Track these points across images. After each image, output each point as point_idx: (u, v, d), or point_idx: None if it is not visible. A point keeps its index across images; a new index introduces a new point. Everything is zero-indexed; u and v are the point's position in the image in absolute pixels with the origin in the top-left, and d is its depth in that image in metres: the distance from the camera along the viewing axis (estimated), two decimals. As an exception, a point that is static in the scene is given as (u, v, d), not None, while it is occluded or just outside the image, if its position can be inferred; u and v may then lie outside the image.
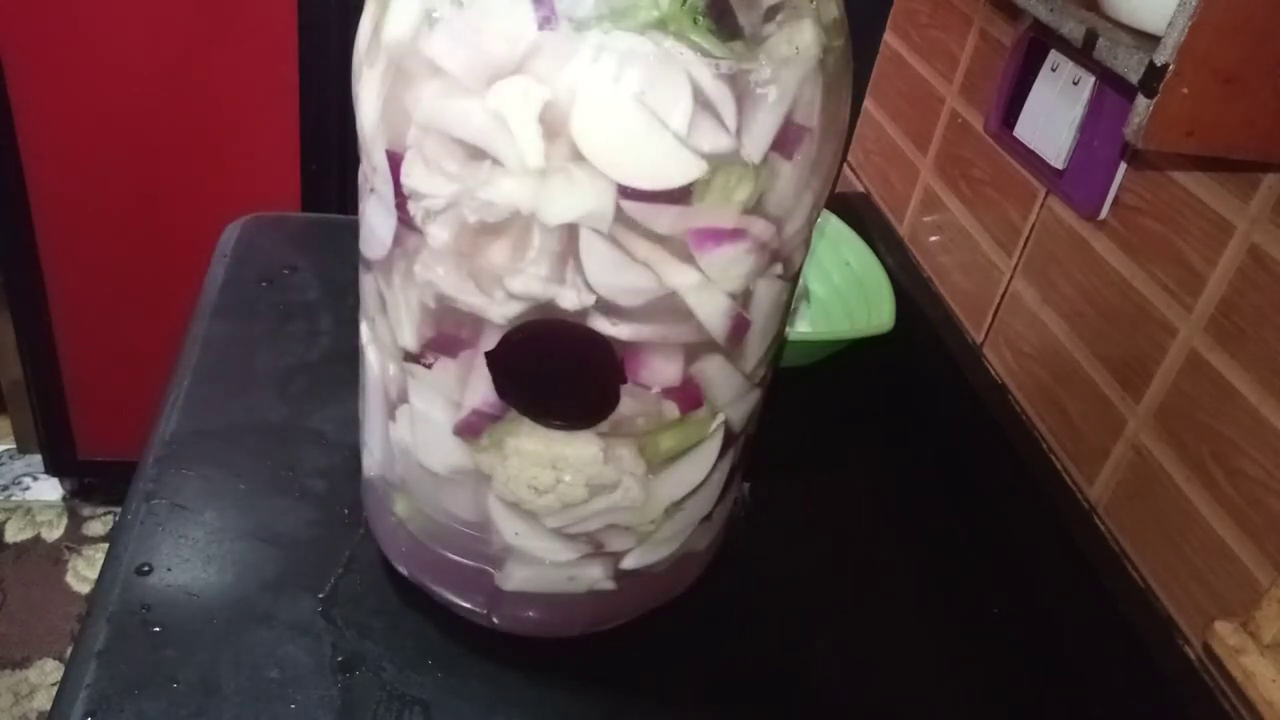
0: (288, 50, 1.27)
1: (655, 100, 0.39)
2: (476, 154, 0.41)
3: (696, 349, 0.47)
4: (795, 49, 0.42)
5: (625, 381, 0.46)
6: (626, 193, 0.40)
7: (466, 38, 0.41)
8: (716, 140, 0.41)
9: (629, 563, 0.53)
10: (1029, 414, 0.75)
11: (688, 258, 0.43)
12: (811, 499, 0.75)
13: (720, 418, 0.51)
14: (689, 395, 0.48)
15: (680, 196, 0.41)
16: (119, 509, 0.81)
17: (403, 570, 0.58)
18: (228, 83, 1.28)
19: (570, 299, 0.43)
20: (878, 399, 0.86)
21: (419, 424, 0.50)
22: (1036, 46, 0.75)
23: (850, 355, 0.81)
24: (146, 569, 0.57)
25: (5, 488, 1.68)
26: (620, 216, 0.41)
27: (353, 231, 0.52)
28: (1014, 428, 0.74)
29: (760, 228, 0.44)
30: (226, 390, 0.71)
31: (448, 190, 0.42)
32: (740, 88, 0.41)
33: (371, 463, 0.57)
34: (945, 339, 0.83)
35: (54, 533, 1.62)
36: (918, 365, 0.85)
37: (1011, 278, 0.78)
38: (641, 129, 0.40)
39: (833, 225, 0.91)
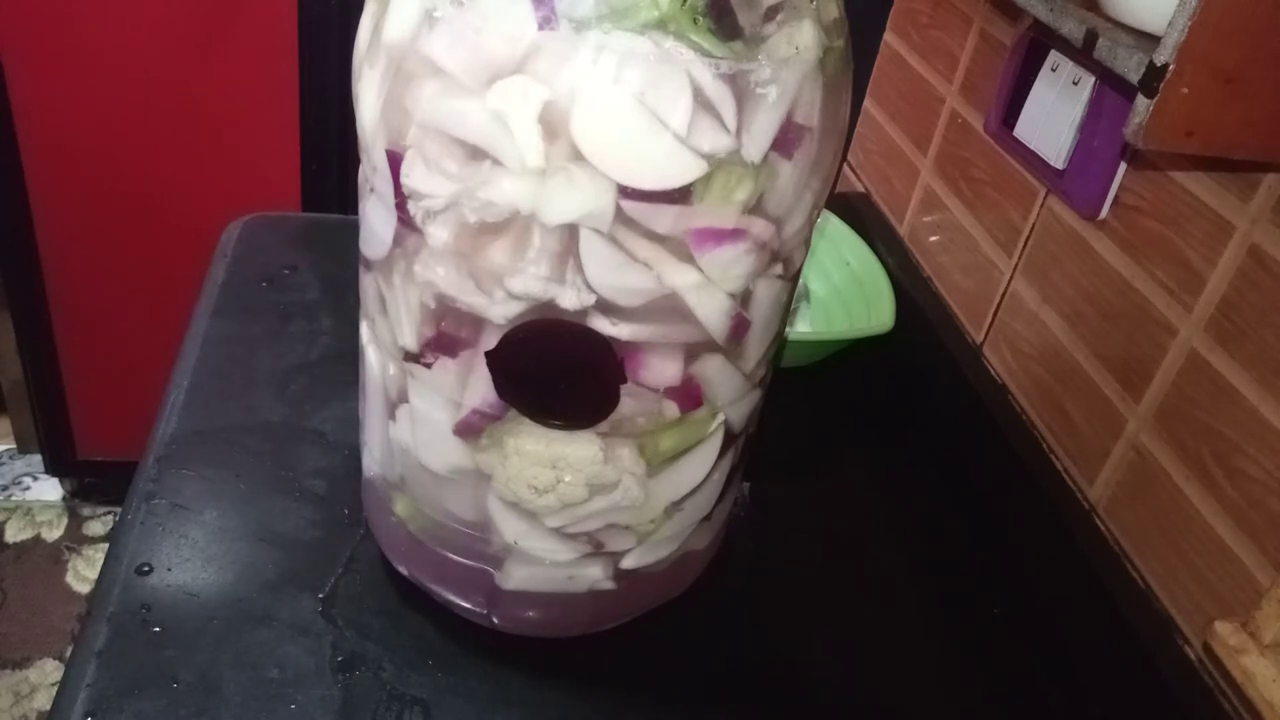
0: (288, 50, 1.27)
1: (655, 100, 0.39)
2: (476, 154, 0.41)
3: (696, 349, 0.47)
4: (795, 49, 0.42)
5: (625, 381, 0.46)
6: (626, 193, 0.40)
7: (466, 38, 0.41)
8: (716, 140, 0.41)
9: (629, 562, 0.53)
10: (1029, 414, 0.75)
11: (688, 258, 0.43)
12: (811, 499, 0.75)
13: (720, 418, 0.51)
14: (689, 395, 0.48)
15: (680, 196, 0.41)
16: (119, 509, 0.81)
17: (403, 570, 0.58)
18: (228, 83, 1.28)
19: (570, 299, 0.43)
20: (878, 399, 0.86)
21: (419, 424, 0.50)
22: (1036, 46, 0.75)
23: (850, 355, 0.81)
24: (146, 569, 0.57)
25: (5, 488, 1.68)
26: (620, 216, 0.41)
27: (353, 231, 0.52)
28: (1014, 428, 0.74)
29: (760, 228, 0.44)
30: (226, 390, 0.71)
31: (448, 190, 0.42)
32: (740, 88, 0.41)
33: (371, 463, 0.57)
34: (945, 339, 0.83)
35: (54, 533, 1.62)
36: (918, 365, 0.85)
37: (1011, 278, 0.78)
38: (641, 129, 0.40)
39: (833, 225, 0.91)
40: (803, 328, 0.88)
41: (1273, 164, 0.54)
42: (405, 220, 0.45)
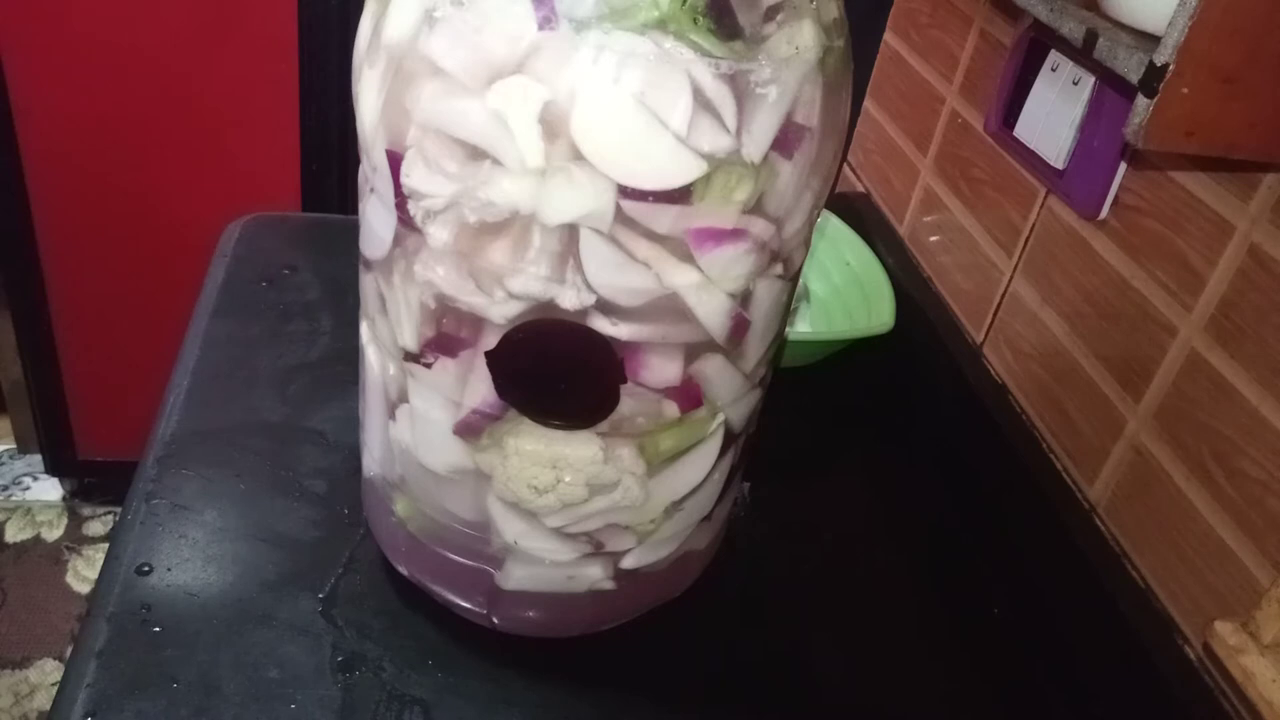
0: (288, 50, 1.27)
1: (655, 100, 0.39)
2: (476, 154, 0.41)
3: (696, 349, 0.47)
4: (795, 49, 0.42)
5: (625, 381, 0.46)
6: (626, 193, 0.40)
7: (466, 38, 0.41)
8: (716, 140, 0.41)
9: (629, 562, 0.53)
10: (1029, 414, 0.75)
11: (688, 258, 0.43)
12: (811, 499, 0.75)
13: (720, 418, 0.51)
14: (689, 395, 0.48)
15: (680, 196, 0.41)
16: (119, 509, 0.81)
17: (403, 570, 0.58)
18: (228, 83, 1.28)
19: (570, 299, 0.43)
20: (878, 399, 0.86)
21: (419, 424, 0.50)
22: (1036, 46, 0.75)
23: (850, 355, 0.81)
24: (146, 569, 0.57)
25: (5, 488, 1.68)
26: (620, 216, 0.41)
27: (353, 231, 0.52)
28: (1014, 428, 0.74)
29: (760, 228, 0.44)
30: (226, 390, 0.71)
31: (448, 190, 0.42)
32: (740, 88, 0.41)
33: (371, 463, 0.57)
34: (945, 339, 0.83)
35: (54, 533, 1.62)
36: (918, 365, 0.85)
37: (1011, 278, 0.78)
38: (641, 129, 0.40)
39: (833, 225, 0.91)
40: (803, 328, 0.88)
41: (1273, 164, 0.54)
42: (405, 220, 0.45)
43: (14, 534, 1.61)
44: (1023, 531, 0.70)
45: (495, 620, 0.56)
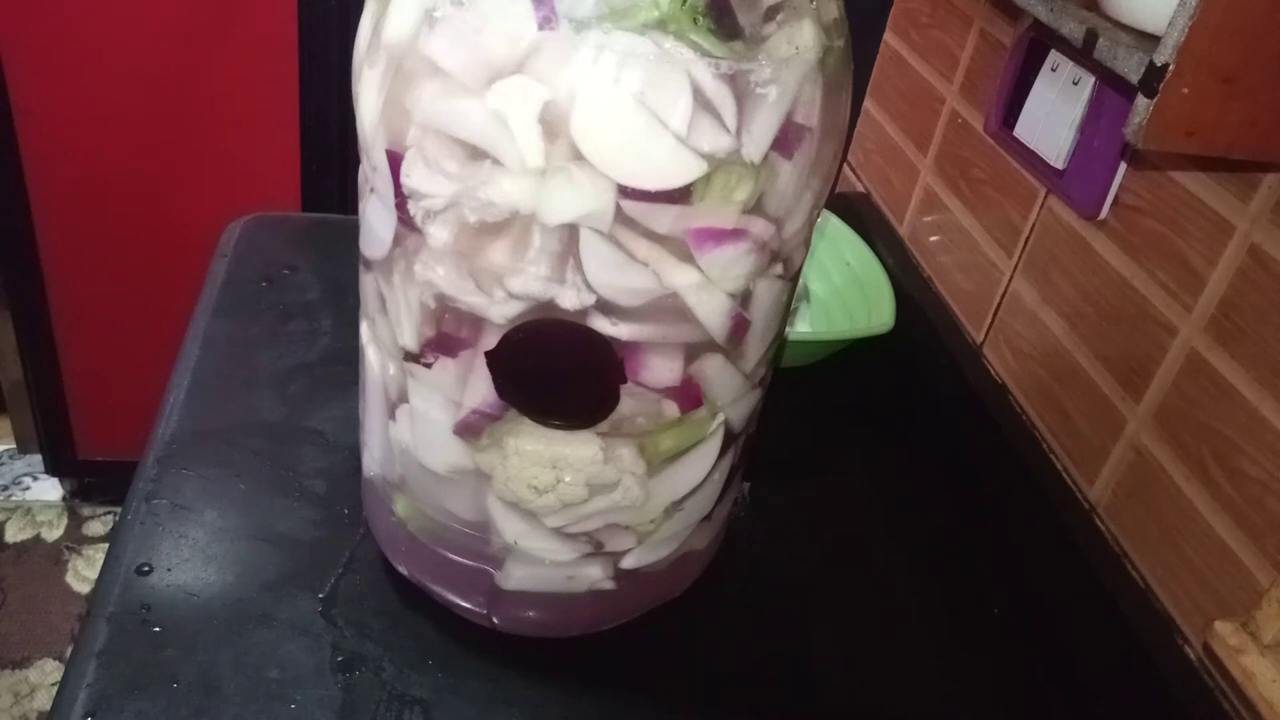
0: (288, 50, 1.27)
1: (655, 100, 0.39)
2: (476, 154, 0.41)
3: (696, 349, 0.47)
4: (795, 49, 0.42)
5: (625, 381, 0.46)
6: (626, 193, 0.40)
7: (466, 38, 0.41)
8: (716, 140, 0.41)
9: (629, 562, 0.53)
10: (1029, 414, 0.75)
11: (688, 258, 0.43)
12: (811, 499, 0.75)
13: (720, 418, 0.51)
14: (689, 395, 0.48)
15: (680, 196, 0.41)
16: (119, 509, 0.81)
17: (403, 570, 0.58)
18: (228, 83, 1.28)
19: (570, 299, 0.43)
20: (878, 399, 0.86)
21: (419, 424, 0.50)
22: (1036, 46, 0.75)
23: (850, 355, 0.81)
24: (146, 569, 0.57)
25: (5, 488, 1.68)
26: (620, 216, 0.41)
27: (353, 231, 0.52)
28: (1014, 428, 0.74)
29: (760, 228, 0.44)
30: (226, 390, 0.71)
31: (448, 190, 0.42)
32: (740, 88, 0.41)
33: (371, 463, 0.57)
34: (945, 339, 0.83)
35: (54, 533, 1.62)
36: (918, 365, 0.85)
37: (1011, 278, 0.78)
38: (641, 129, 0.40)
39: (833, 225, 0.91)
40: (803, 328, 0.88)
41: (1273, 164, 0.54)
42: (405, 220, 0.45)
43: (14, 534, 1.61)
44: (1023, 531, 0.70)
45: (495, 620, 0.56)
